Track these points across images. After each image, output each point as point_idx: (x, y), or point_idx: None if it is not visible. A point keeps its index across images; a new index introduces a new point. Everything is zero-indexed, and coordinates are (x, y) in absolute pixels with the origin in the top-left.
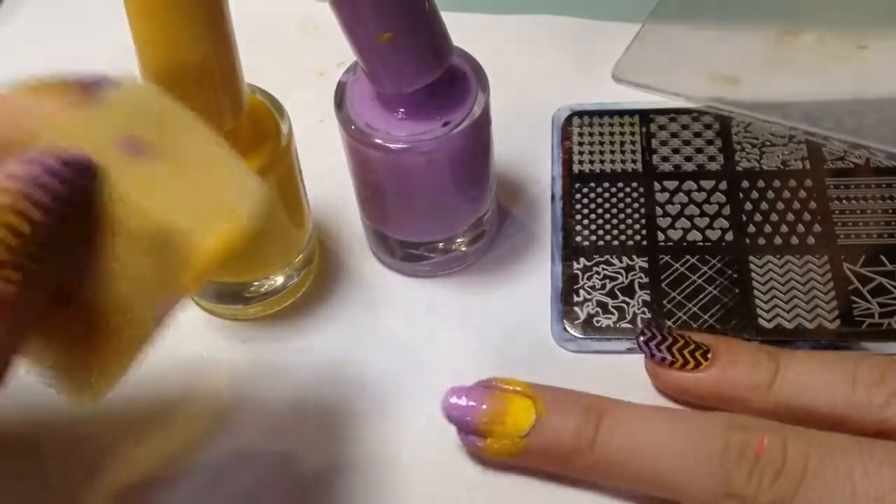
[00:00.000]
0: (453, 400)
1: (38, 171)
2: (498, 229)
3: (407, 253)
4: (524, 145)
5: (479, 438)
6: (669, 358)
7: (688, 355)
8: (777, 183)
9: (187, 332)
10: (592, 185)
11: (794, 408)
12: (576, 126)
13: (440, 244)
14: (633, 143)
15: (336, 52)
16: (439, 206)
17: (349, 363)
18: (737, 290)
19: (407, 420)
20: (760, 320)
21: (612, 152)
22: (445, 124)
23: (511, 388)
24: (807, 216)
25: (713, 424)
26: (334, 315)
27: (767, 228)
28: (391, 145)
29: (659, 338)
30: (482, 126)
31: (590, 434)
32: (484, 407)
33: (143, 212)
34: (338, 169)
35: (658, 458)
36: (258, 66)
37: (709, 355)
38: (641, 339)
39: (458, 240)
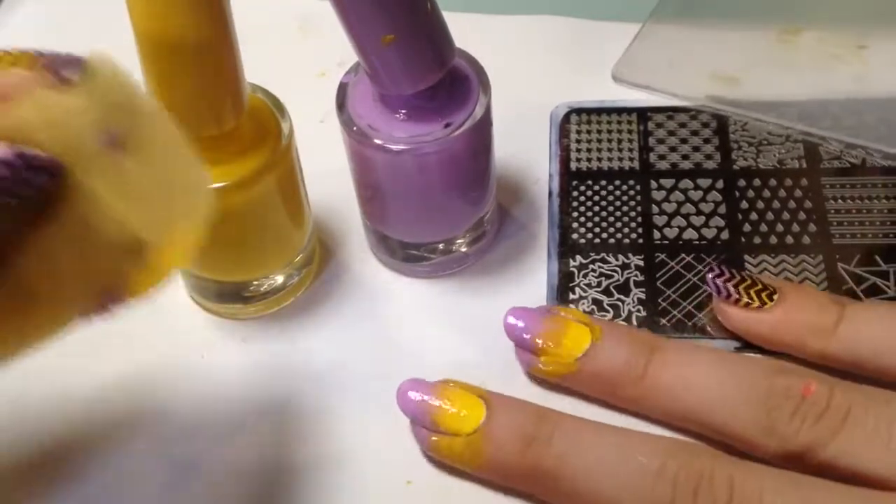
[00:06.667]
0: (512, 319)
1: (6, 173)
2: (498, 230)
3: (407, 253)
4: (524, 146)
5: (534, 357)
6: (735, 295)
7: (753, 295)
8: (773, 182)
9: (187, 331)
10: (590, 182)
11: (855, 355)
12: (574, 123)
13: (440, 245)
14: (630, 140)
15: (336, 52)
16: (440, 208)
17: (349, 363)
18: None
19: (406, 421)
20: None
21: (610, 150)
22: (447, 126)
23: (571, 315)
24: (802, 215)
25: (762, 367)
26: (334, 315)
27: (763, 227)
28: (392, 146)
29: (727, 275)
30: (483, 128)
31: (641, 366)
32: (542, 327)
33: (107, 209)
34: (338, 169)
35: (704, 394)
36: (259, 66)
37: (775, 296)
38: (710, 275)
39: (459, 240)
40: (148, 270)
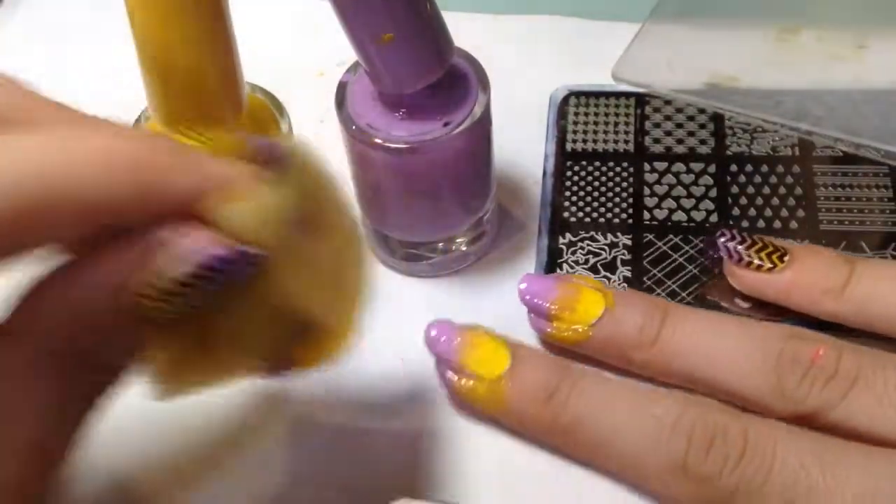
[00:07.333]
0: (526, 284)
1: (215, 262)
2: (498, 229)
3: (407, 253)
4: (524, 146)
5: (548, 323)
6: (746, 258)
7: (764, 257)
8: (765, 168)
9: None
10: (584, 163)
11: (865, 315)
12: (572, 105)
13: (440, 244)
14: (627, 124)
15: (336, 51)
16: (440, 207)
17: (348, 362)
18: (716, 270)
19: (407, 419)
20: (737, 300)
21: (606, 132)
22: (446, 125)
23: (584, 282)
24: (791, 201)
25: (773, 332)
26: None
27: (752, 212)
28: (392, 145)
29: (738, 239)
30: (483, 126)
31: (653, 331)
32: (556, 293)
33: (289, 292)
34: (338, 168)
35: (715, 358)
36: (258, 66)
37: (786, 258)
38: (721, 239)
39: (459, 240)
40: (318, 349)
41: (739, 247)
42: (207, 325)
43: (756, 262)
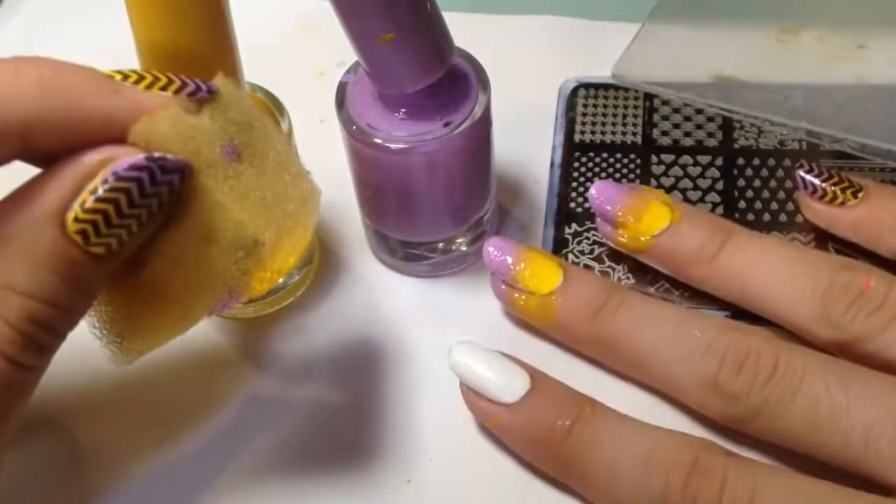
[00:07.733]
0: (598, 189)
1: (144, 176)
2: (498, 229)
3: (407, 253)
4: (524, 145)
5: (614, 230)
6: (820, 190)
7: (838, 191)
8: (772, 162)
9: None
10: (591, 154)
11: None
12: (581, 97)
13: (440, 244)
14: (635, 116)
15: (336, 51)
16: (440, 207)
17: (348, 362)
18: None
19: (407, 421)
20: None
21: (615, 124)
22: (446, 125)
23: (655, 195)
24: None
25: (829, 261)
26: (334, 315)
27: (758, 205)
28: (392, 145)
29: (815, 171)
30: (483, 126)
31: (713, 249)
32: (625, 201)
33: (227, 211)
34: (338, 168)
35: (767, 283)
36: (258, 65)
37: (860, 194)
38: (800, 171)
39: (459, 240)
40: (264, 270)
41: (816, 179)
42: (155, 268)
43: (830, 194)
